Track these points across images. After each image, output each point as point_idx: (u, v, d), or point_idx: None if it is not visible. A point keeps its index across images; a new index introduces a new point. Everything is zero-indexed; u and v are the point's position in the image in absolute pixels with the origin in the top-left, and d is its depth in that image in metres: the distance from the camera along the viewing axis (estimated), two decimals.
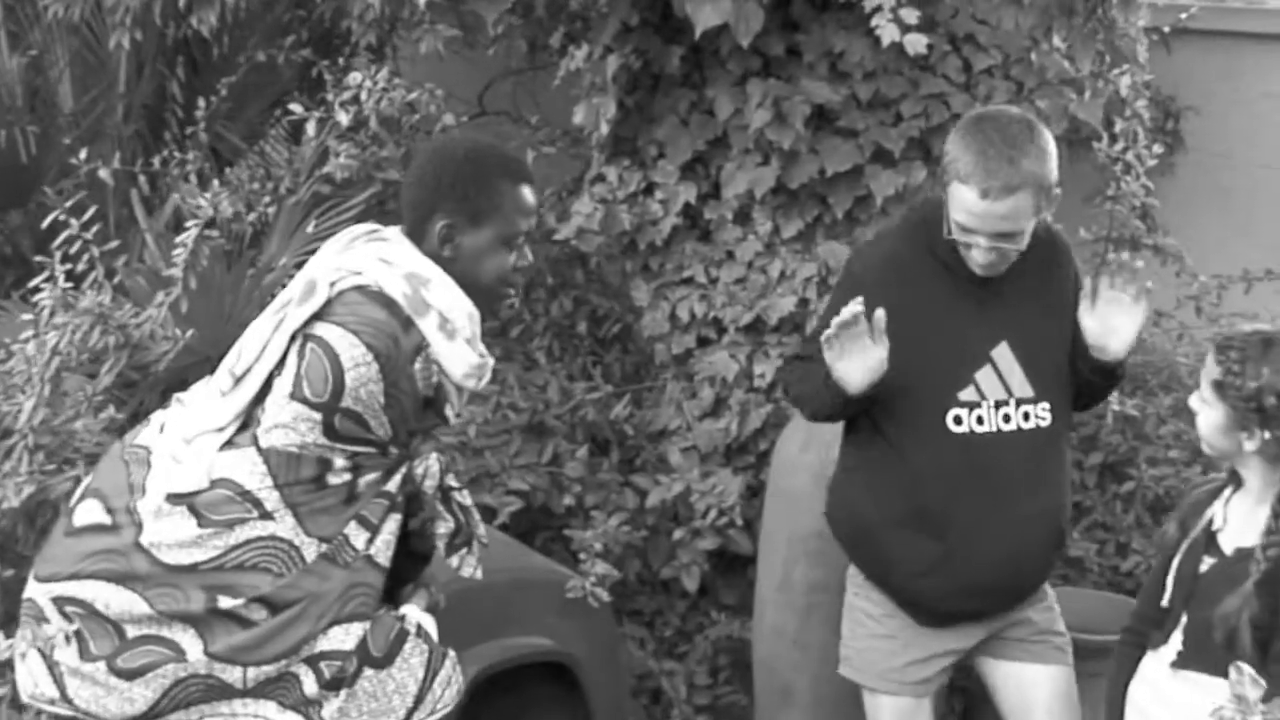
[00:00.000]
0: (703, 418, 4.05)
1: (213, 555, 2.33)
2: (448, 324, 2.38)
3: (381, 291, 2.36)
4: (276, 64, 4.90)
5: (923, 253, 2.83)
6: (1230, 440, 2.47)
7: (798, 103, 3.74)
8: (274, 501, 2.33)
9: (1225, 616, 2.39)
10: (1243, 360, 2.43)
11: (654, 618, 4.15)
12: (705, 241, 4.06)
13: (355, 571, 2.38)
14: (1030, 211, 2.69)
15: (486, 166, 2.45)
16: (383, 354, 2.32)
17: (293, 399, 2.32)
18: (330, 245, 2.49)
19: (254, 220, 4.21)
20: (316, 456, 2.34)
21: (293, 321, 2.36)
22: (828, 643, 3.48)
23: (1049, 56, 3.91)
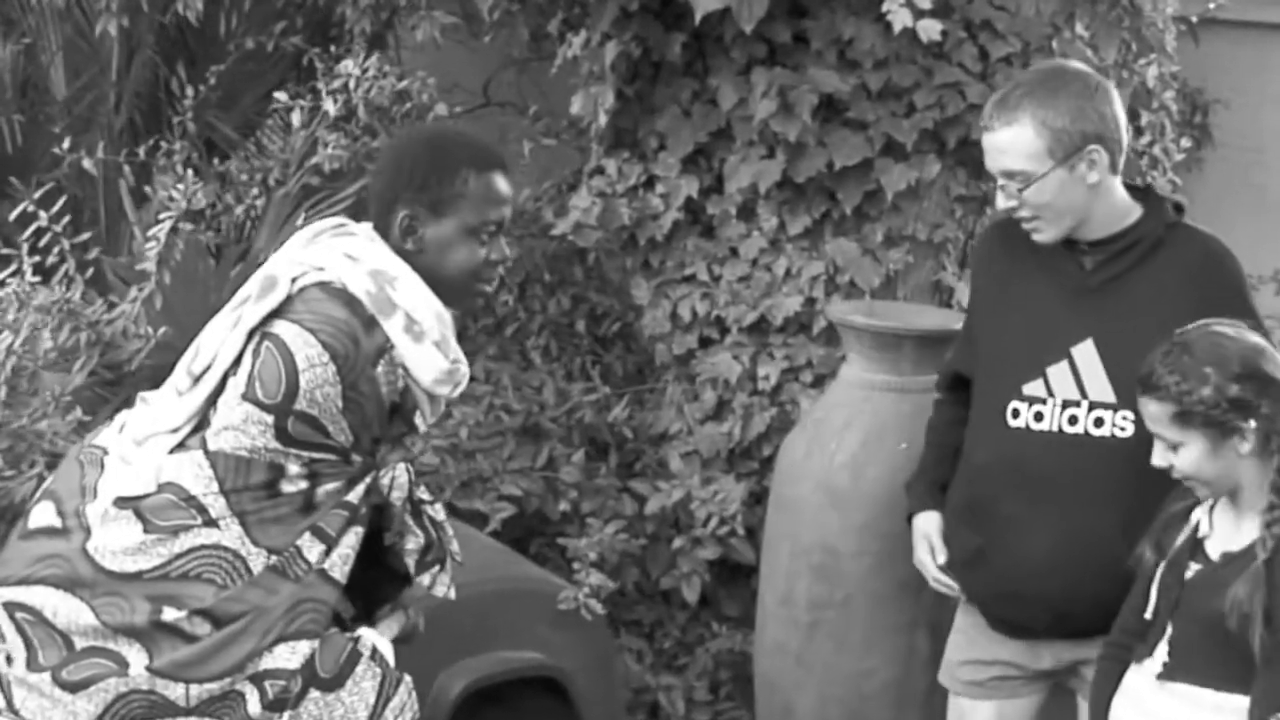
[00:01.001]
0: (704, 421, 3.89)
1: (157, 563, 2.21)
2: (415, 325, 2.26)
3: (344, 289, 2.24)
4: (272, 52, 4.77)
5: (1021, 242, 2.68)
6: (1225, 459, 2.34)
7: (805, 92, 3.58)
8: (220, 508, 2.21)
9: (1238, 602, 2.29)
10: (1182, 377, 2.30)
11: (653, 629, 3.99)
12: (708, 237, 3.90)
13: (306, 586, 2.25)
14: (1034, 151, 2.52)
15: (448, 153, 2.33)
16: (340, 354, 2.20)
17: (244, 399, 2.19)
18: (295, 240, 2.37)
19: (242, 212, 4.08)
20: (268, 461, 2.21)
21: (250, 318, 2.24)
22: (832, 660, 3.34)
23: (1071, 45, 3.73)
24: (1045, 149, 2.53)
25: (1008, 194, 2.59)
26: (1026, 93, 2.55)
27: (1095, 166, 2.55)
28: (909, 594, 3.29)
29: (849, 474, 3.28)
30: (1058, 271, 2.65)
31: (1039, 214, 2.59)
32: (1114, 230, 2.62)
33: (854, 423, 3.32)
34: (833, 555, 3.29)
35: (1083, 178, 2.55)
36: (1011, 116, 2.54)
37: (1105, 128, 2.56)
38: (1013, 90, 2.58)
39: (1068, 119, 2.53)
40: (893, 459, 3.28)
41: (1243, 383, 2.29)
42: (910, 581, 3.29)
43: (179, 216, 3.30)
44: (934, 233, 3.78)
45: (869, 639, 3.30)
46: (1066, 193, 2.56)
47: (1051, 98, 2.54)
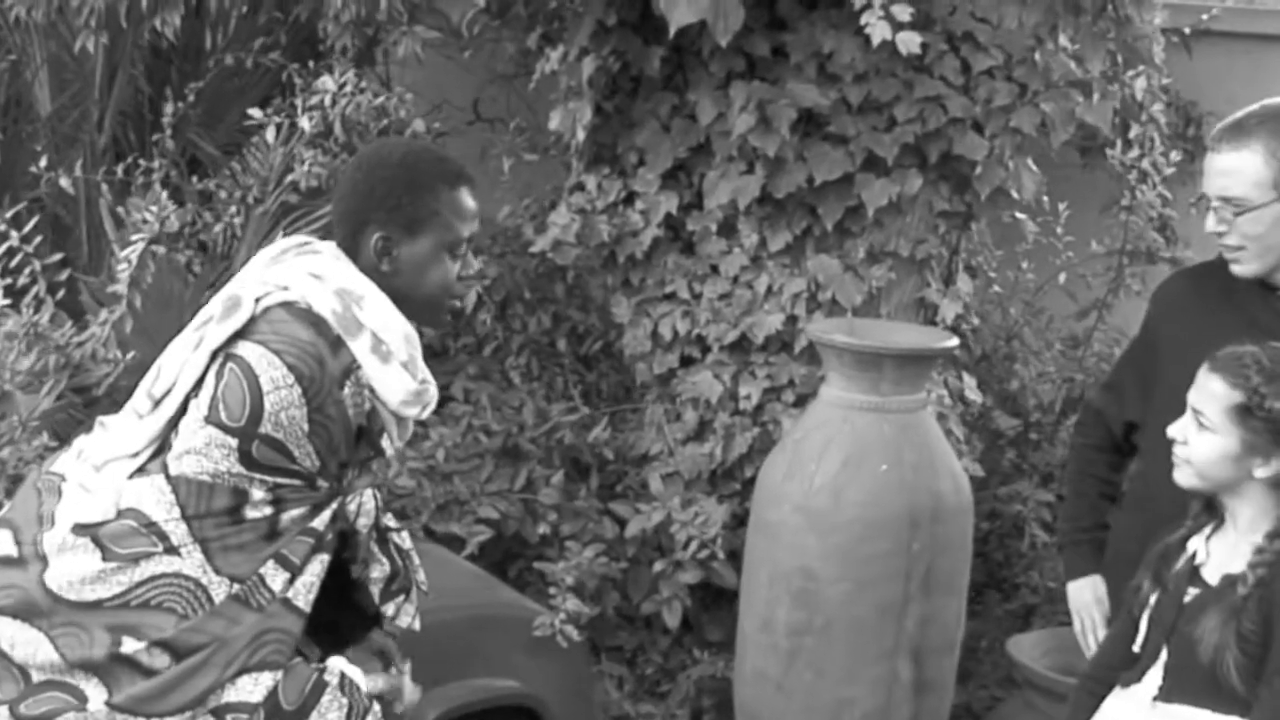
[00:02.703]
0: (686, 442, 3.82)
1: (116, 591, 2.15)
2: (381, 345, 2.20)
3: (309, 309, 2.18)
4: (255, 69, 4.72)
5: (1216, 291, 2.66)
6: (1238, 469, 2.29)
7: (783, 106, 3.51)
8: (181, 535, 2.14)
9: (1210, 631, 2.26)
10: (1267, 380, 2.25)
11: (635, 655, 3.91)
12: (688, 254, 3.84)
13: (269, 616, 2.18)
14: (1260, 180, 2.50)
15: (419, 171, 2.28)
16: (306, 376, 2.14)
17: (207, 423, 2.13)
18: (258, 258, 2.31)
19: (220, 231, 4.03)
20: (231, 486, 2.15)
21: (213, 339, 2.17)
22: (812, 687, 3.26)
23: (1055, 57, 3.66)
24: (1271, 179, 2.50)
25: (1220, 218, 2.56)
26: (1262, 121, 2.53)
27: None
28: (890, 620, 3.22)
29: (828, 496, 3.22)
30: (1254, 318, 2.59)
31: (1246, 244, 2.55)
32: None
33: (834, 443, 3.26)
34: (812, 580, 3.22)
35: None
36: (1243, 142, 2.51)
37: None
38: (1248, 116, 2.56)
39: None
40: (874, 481, 3.22)
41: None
42: (891, 607, 3.23)
43: (152, 238, 3.24)
44: (917, 249, 3.71)
45: (850, 666, 3.23)
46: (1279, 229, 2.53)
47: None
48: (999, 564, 4.41)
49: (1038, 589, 4.15)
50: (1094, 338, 4.46)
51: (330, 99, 3.71)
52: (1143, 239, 4.33)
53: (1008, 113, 3.60)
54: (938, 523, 3.25)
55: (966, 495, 3.35)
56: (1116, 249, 4.37)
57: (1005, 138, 3.61)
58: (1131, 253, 4.37)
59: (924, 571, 3.24)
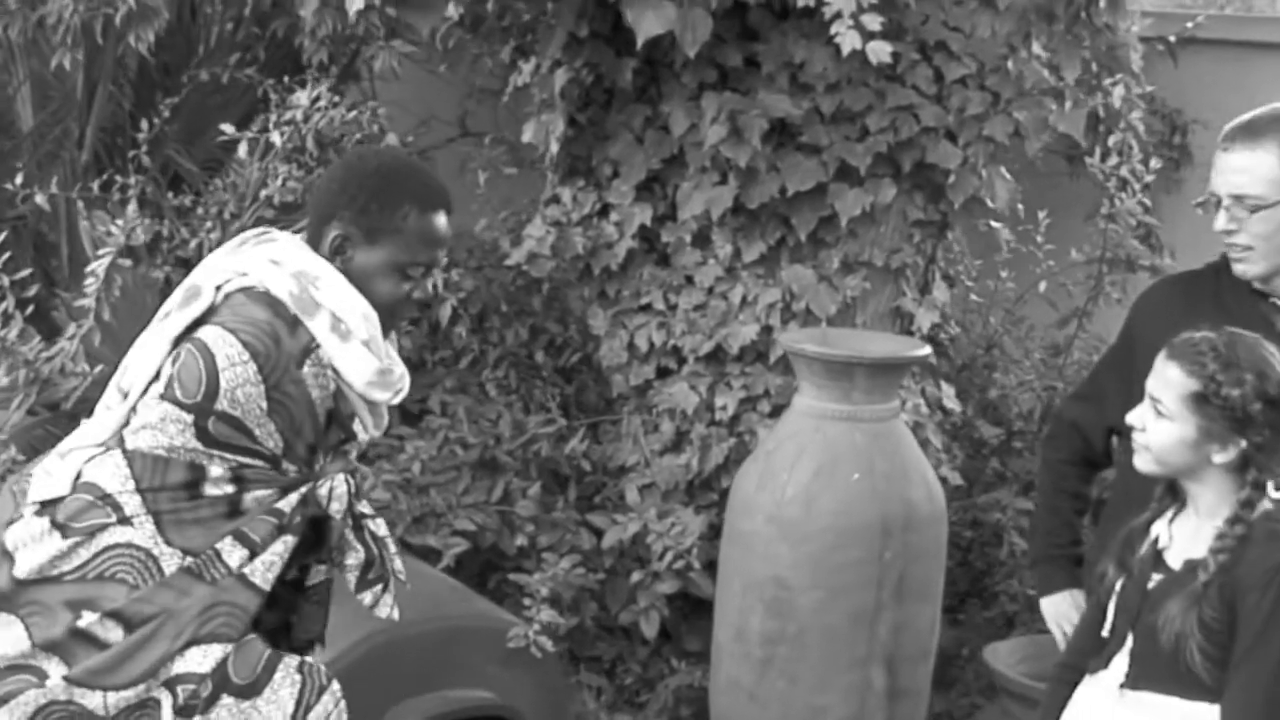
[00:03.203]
0: (663, 453, 3.81)
1: (75, 564, 2.17)
2: (340, 324, 2.20)
3: (267, 292, 2.20)
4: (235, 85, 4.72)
5: (1205, 296, 2.66)
6: (1196, 455, 2.28)
7: (755, 117, 3.51)
8: (134, 506, 2.16)
9: (1171, 619, 2.25)
10: (1223, 367, 2.24)
11: (614, 665, 3.90)
12: (663, 266, 3.84)
13: (222, 589, 2.18)
14: (1273, 180, 2.50)
15: (395, 184, 2.27)
16: (260, 353, 2.15)
17: (163, 399, 2.15)
18: (220, 249, 2.33)
19: (196, 246, 4.03)
20: (187, 461, 2.16)
21: (173, 327, 2.20)
22: (786, 696, 3.26)
23: (1027, 65, 3.66)
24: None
25: (1231, 216, 2.56)
26: (1275, 120, 2.53)
27: None
28: (863, 628, 3.21)
29: (800, 506, 3.21)
30: (1244, 325, 2.52)
31: (1255, 244, 2.55)
32: None
33: (806, 453, 3.25)
34: (785, 589, 3.22)
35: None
36: (1257, 141, 2.51)
37: None
38: (1261, 116, 2.56)
39: None
40: (845, 490, 3.21)
41: (1266, 406, 2.24)
42: (864, 615, 3.22)
43: (118, 252, 3.24)
44: (891, 258, 3.71)
45: (823, 675, 3.22)
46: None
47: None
48: (981, 572, 4.40)
49: (1017, 597, 4.13)
50: (1074, 346, 4.45)
51: (303, 114, 3.70)
52: (1122, 247, 4.32)
53: (981, 121, 3.60)
54: (910, 531, 3.24)
55: (939, 503, 3.34)
56: (1095, 257, 4.37)
57: (978, 146, 3.60)
58: (1111, 261, 4.36)
59: (896, 579, 3.23)
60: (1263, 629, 2.19)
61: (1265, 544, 2.23)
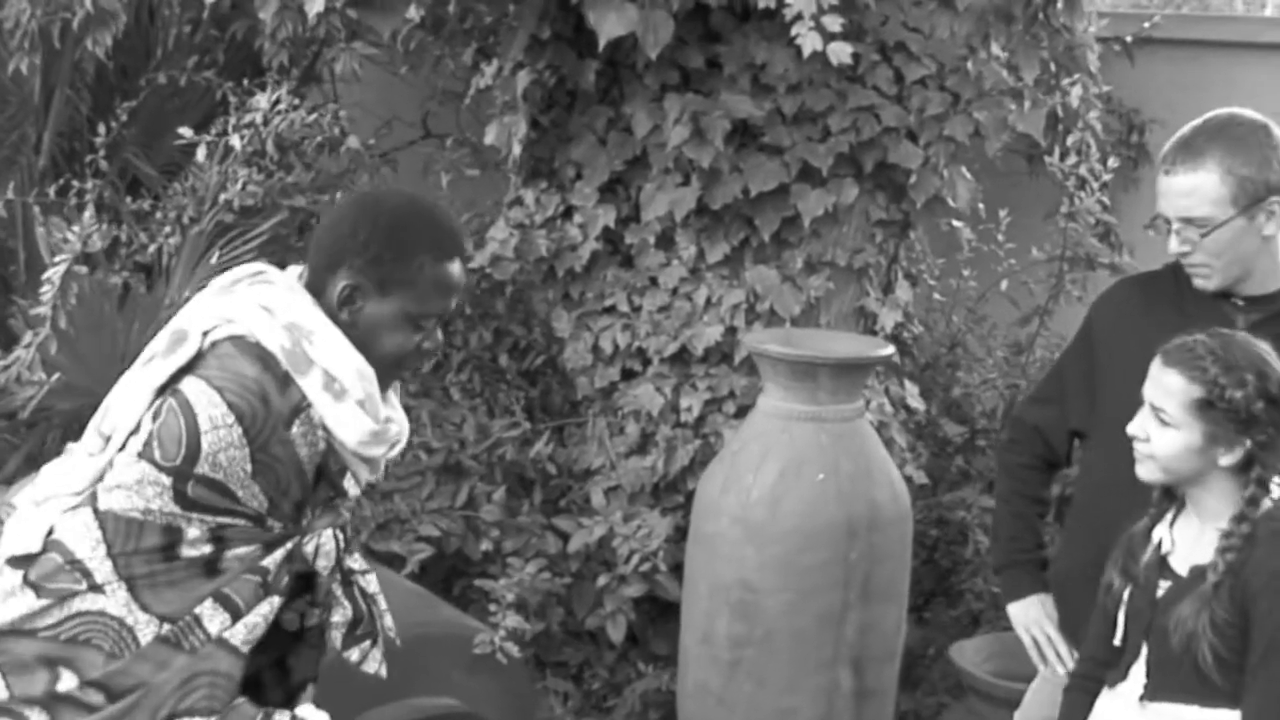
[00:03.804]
0: (629, 455, 3.80)
1: (50, 622, 2.08)
2: (334, 383, 2.09)
3: (257, 344, 2.08)
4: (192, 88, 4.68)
5: (1166, 300, 2.63)
6: (1203, 460, 2.28)
7: (717, 118, 3.51)
8: (106, 572, 2.05)
9: (1182, 621, 2.24)
10: (1224, 370, 2.24)
11: (581, 670, 3.89)
12: (627, 267, 3.83)
13: (201, 658, 2.07)
14: (1218, 198, 2.46)
15: (411, 233, 2.15)
16: (247, 415, 2.03)
17: (140, 458, 2.03)
18: (209, 288, 2.21)
19: (154, 252, 3.99)
20: (163, 525, 2.05)
21: (157, 375, 2.07)
22: (753, 699, 3.25)
23: (987, 66, 3.67)
24: (1229, 196, 2.47)
25: (1182, 239, 2.52)
26: (1211, 138, 2.48)
27: (1273, 219, 2.51)
28: (830, 629, 3.21)
29: (765, 507, 3.21)
30: (1206, 325, 2.51)
31: (1209, 261, 2.53)
32: (1268, 290, 2.57)
33: (771, 454, 3.25)
34: (751, 591, 3.21)
35: (1259, 229, 2.51)
36: (1198, 161, 2.46)
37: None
38: (1196, 134, 2.50)
39: (1254, 168, 2.47)
40: (811, 491, 3.21)
41: (1270, 405, 2.25)
42: (831, 616, 3.22)
43: (74, 259, 3.20)
44: (854, 258, 3.71)
45: (791, 677, 3.22)
46: (1242, 243, 2.51)
47: (1239, 145, 2.47)
48: (947, 571, 4.42)
49: (982, 595, 4.15)
50: (1036, 344, 4.47)
51: (263, 117, 3.67)
52: (1082, 245, 4.35)
53: (941, 121, 3.61)
54: (875, 531, 3.24)
55: (905, 503, 3.34)
56: (1056, 255, 4.39)
57: (939, 146, 3.61)
58: (1071, 259, 4.38)
59: (862, 580, 3.23)
60: (1275, 634, 2.18)
61: (1271, 544, 2.23)
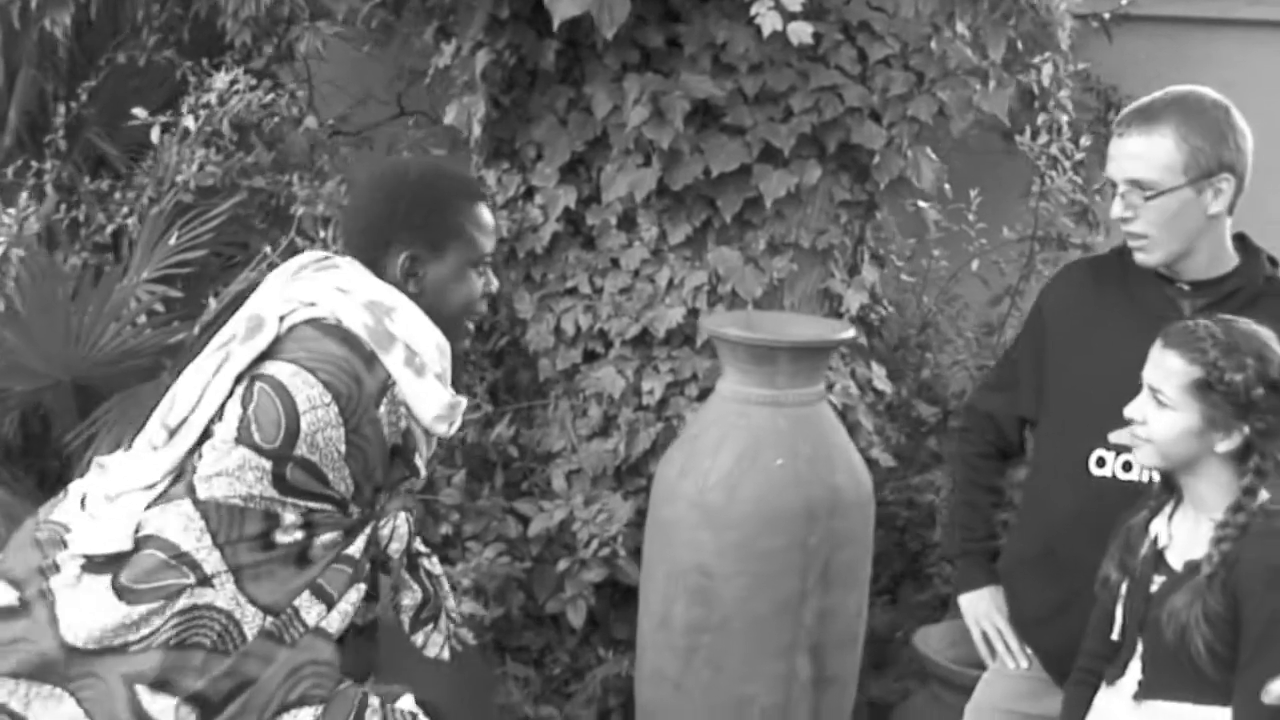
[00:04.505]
0: (591, 437, 3.77)
1: (145, 633, 2.00)
2: (416, 358, 2.12)
3: (339, 324, 2.09)
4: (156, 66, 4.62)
5: (1114, 284, 2.60)
6: (1200, 445, 2.25)
7: (676, 98, 3.45)
8: (214, 563, 2.01)
9: (1175, 612, 2.22)
10: (1224, 353, 2.22)
11: (542, 655, 3.86)
12: (589, 249, 3.78)
13: (301, 649, 2.06)
14: (1170, 163, 2.43)
15: (440, 188, 2.22)
16: (343, 394, 2.03)
17: (239, 444, 2.01)
18: (275, 276, 2.21)
19: (112, 233, 3.95)
20: (263, 510, 2.03)
21: (237, 362, 2.06)
22: (710, 686, 3.22)
23: (951, 45, 3.62)
24: (1181, 164, 2.44)
25: (1127, 203, 2.49)
26: (1170, 105, 2.47)
27: (1220, 197, 2.47)
28: (788, 616, 3.18)
29: (722, 492, 3.17)
30: (1152, 314, 2.52)
31: (1152, 231, 2.49)
32: (1214, 274, 2.54)
33: (729, 439, 3.21)
34: (708, 577, 3.18)
35: (1205, 206, 2.47)
36: (1153, 125, 2.45)
37: (1240, 161, 2.48)
38: (1155, 101, 2.50)
39: (1209, 141, 2.44)
40: (768, 476, 3.18)
41: (1269, 390, 2.22)
42: (789, 603, 3.19)
43: (11, 242, 3.16)
44: (818, 239, 3.67)
45: (748, 664, 3.19)
46: (1186, 216, 2.47)
47: (1198, 115, 2.45)
48: (916, 554, 4.39)
49: (950, 579, 4.12)
50: (1007, 324, 4.43)
51: (218, 98, 3.62)
52: (1053, 225, 4.30)
53: (905, 101, 3.56)
54: (835, 516, 3.21)
55: (866, 488, 3.31)
56: (1027, 235, 4.35)
57: (903, 126, 3.57)
58: (1043, 239, 4.34)
59: (822, 566, 3.20)
60: (1266, 631, 2.16)
61: (1265, 540, 2.21)
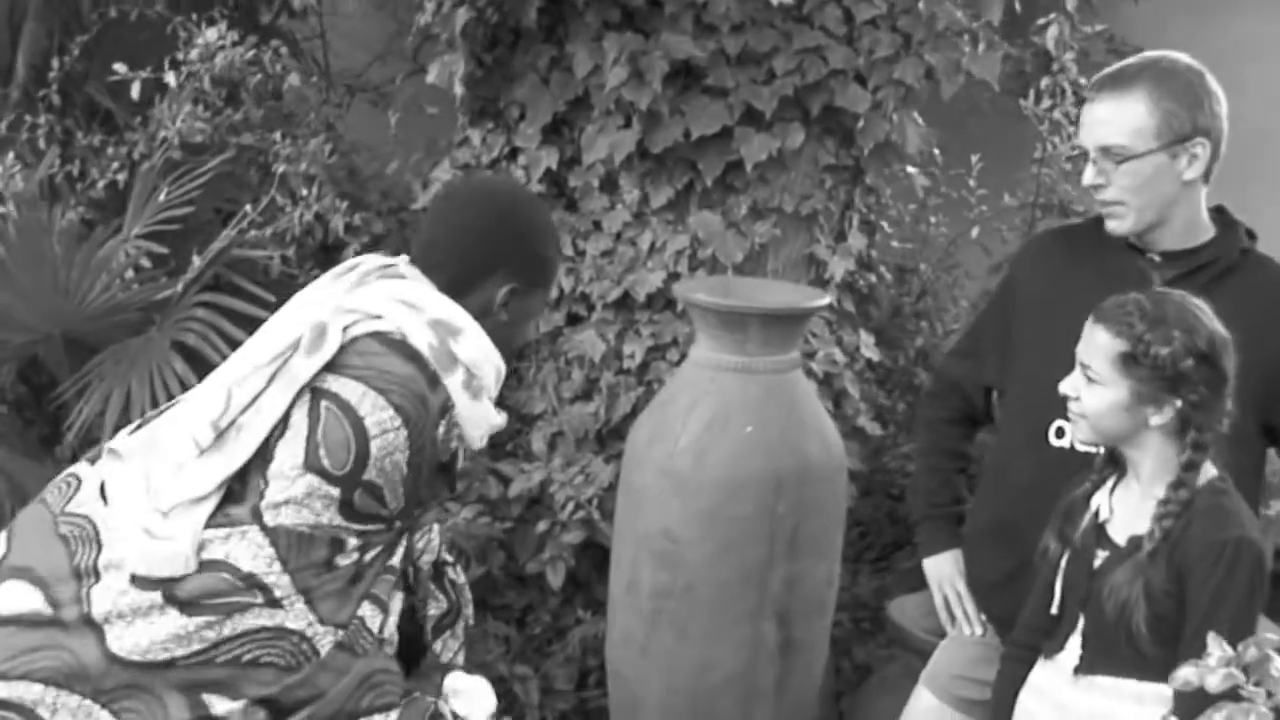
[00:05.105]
0: (574, 401, 3.75)
1: (197, 649, 1.96)
2: (474, 381, 2.08)
3: (404, 341, 2.03)
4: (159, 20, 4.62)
5: (1085, 250, 2.56)
6: (1132, 419, 2.22)
7: (656, 59, 3.41)
8: (285, 587, 1.98)
9: (1116, 588, 2.20)
10: (1150, 326, 2.18)
11: (524, 614, 3.87)
12: (572, 211, 3.75)
13: (373, 658, 2.05)
14: (1141, 127, 2.39)
15: (542, 229, 2.23)
16: (412, 418, 1.99)
17: (307, 470, 1.97)
18: (334, 280, 2.15)
19: (105, 187, 3.97)
20: (330, 537, 1.99)
21: (301, 373, 1.99)
22: (676, 650, 3.21)
23: (940, 5, 3.54)
24: (1154, 128, 2.39)
25: (1099, 170, 2.45)
26: (1142, 69, 2.42)
27: (1195, 163, 2.42)
28: (753, 583, 3.16)
29: (691, 458, 3.14)
30: (1122, 285, 2.45)
31: (1124, 197, 2.45)
32: (1188, 245, 2.49)
33: (699, 405, 3.18)
34: (674, 542, 3.16)
35: (1180, 171, 2.42)
36: (1125, 90, 2.40)
37: (1215, 126, 2.42)
38: (1127, 66, 2.45)
39: (1183, 105, 2.39)
40: (737, 443, 3.14)
41: (1199, 361, 2.18)
42: (754, 570, 3.17)
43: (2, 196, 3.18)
44: (802, 204, 3.62)
45: (712, 629, 3.17)
46: (1159, 181, 2.42)
47: (1171, 79, 2.40)
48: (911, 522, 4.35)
49: None
50: None
51: (200, 55, 3.61)
52: (1054, 192, 4.23)
53: (891, 64, 3.49)
54: (805, 485, 3.17)
55: (839, 457, 3.27)
56: (1028, 201, 4.27)
57: (889, 90, 3.50)
58: (1045, 206, 4.27)
59: (790, 534, 3.17)
60: (1210, 608, 2.13)
61: (1209, 517, 2.18)
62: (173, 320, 3.74)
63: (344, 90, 4.86)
